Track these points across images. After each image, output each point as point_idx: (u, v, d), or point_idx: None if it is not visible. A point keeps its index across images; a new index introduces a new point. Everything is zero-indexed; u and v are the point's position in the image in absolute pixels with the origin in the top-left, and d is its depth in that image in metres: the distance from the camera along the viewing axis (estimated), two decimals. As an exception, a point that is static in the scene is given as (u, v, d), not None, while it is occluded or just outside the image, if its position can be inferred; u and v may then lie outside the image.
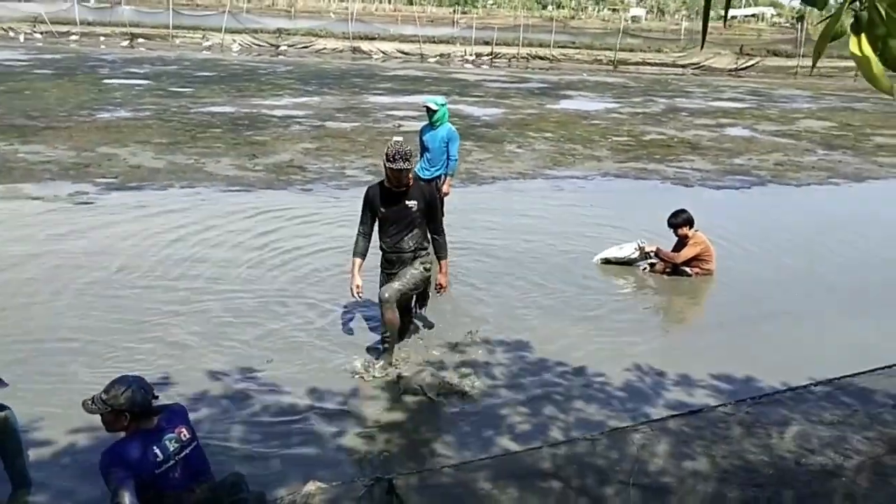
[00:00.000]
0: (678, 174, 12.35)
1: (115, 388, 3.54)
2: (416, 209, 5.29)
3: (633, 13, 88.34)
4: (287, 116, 16.32)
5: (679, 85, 28.62)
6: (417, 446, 4.50)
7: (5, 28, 37.64)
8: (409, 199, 5.28)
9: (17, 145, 11.94)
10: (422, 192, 5.36)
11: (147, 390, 3.59)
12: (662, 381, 5.36)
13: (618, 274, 7.61)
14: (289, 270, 7.17)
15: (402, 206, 5.28)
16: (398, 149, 5.11)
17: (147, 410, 3.59)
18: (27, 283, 6.54)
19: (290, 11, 72.73)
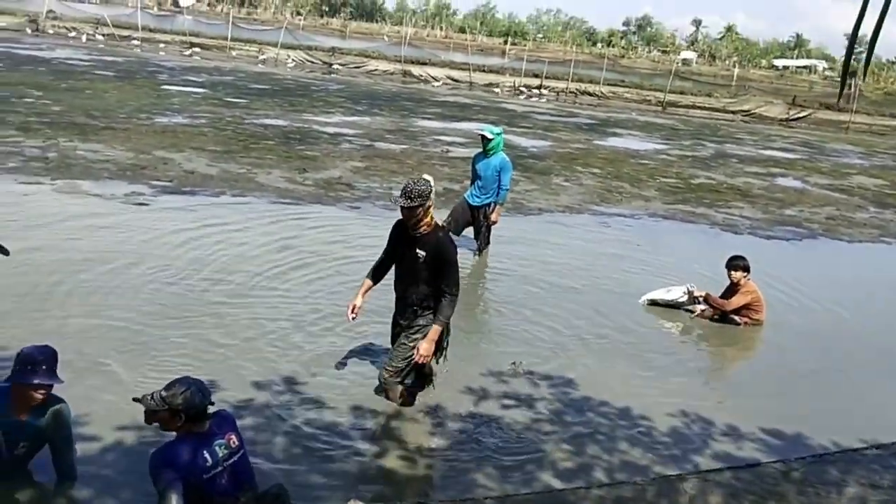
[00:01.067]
0: (727, 220, 12.20)
1: (175, 388, 3.57)
2: (423, 261, 4.70)
3: (683, 56, 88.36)
4: (338, 134, 16.51)
5: (729, 131, 28.40)
6: (458, 474, 4.45)
7: (68, 27, 38.81)
8: (420, 246, 4.71)
9: (77, 143, 12.22)
10: (436, 243, 4.69)
11: (205, 394, 3.62)
12: (710, 431, 5.25)
13: (664, 316, 7.51)
14: (340, 283, 7.19)
15: (413, 254, 4.73)
16: (409, 184, 4.64)
17: (202, 414, 3.62)
18: (81, 280, 6.65)
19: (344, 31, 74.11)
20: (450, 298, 4.72)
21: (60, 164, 10.68)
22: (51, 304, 6.04)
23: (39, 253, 6.99)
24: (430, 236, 4.70)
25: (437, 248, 4.68)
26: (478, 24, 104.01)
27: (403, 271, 4.86)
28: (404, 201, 4.58)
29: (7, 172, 9.93)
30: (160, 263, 7.19)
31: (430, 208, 4.68)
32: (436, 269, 4.70)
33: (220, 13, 70.15)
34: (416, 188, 4.58)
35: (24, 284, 6.27)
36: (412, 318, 4.87)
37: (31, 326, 5.51)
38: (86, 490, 3.88)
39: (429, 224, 4.69)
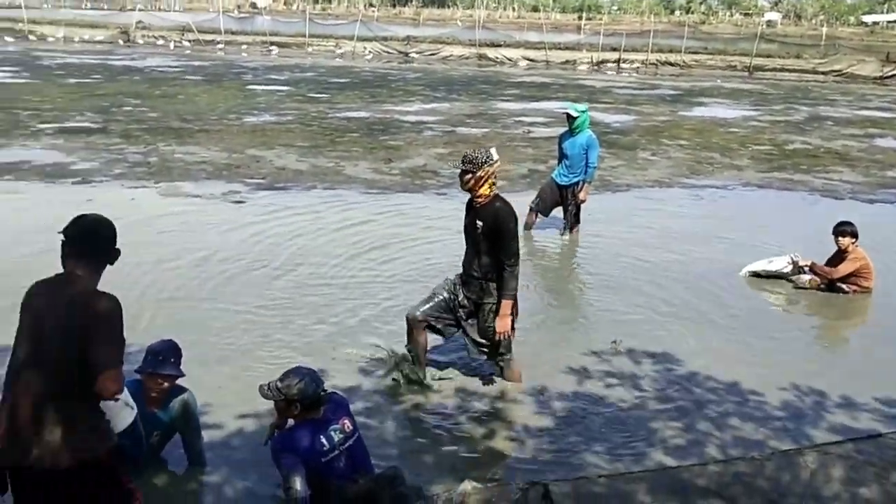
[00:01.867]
0: (826, 186, 11.71)
1: (290, 379, 3.74)
2: (482, 230, 4.78)
3: (768, 17, 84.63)
4: (419, 122, 16.66)
5: (821, 92, 27.13)
6: (567, 453, 4.47)
7: (156, 36, 40.42)
8: (479, 217, 4.80)
9: (175, 146, 12.78)
10: (495, 213, 4.75)
11: (318, 383, 3.77)
12: (824, 403, 5.09)
13: (767, 288, 7.30)
14: (439, 271, 7.29)
15: (472, 223, 4.86)
16: (468, 152, 4.81)
17: (316, 402, 3.77)
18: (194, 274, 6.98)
19: (417, 20, 74.35)
20: (510, 270, 4.80)
21: (161, 168, 11.19)
22: (172, 301, 6.36)
23: (155, 252, 7.37)
24: (488, 206, 4.77)
25: (495, 217, 4.74)
26: (551, 2, 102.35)
27: (468, 243, 4.97)
28: (458, 163, 4.78)
29: (115, 178, 10.49)
30: (266, 257, 7.46)
31: (487, 179, 4.72)
32: (494, 240, 4.77)
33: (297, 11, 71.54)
34: (472, 155, 4.71)
35: (146, 284, 6.63)
36: (479, 294, 4.94)
37: (160, 321, 5.83)
38: (215, 475, 4.10)
39: (486, 195, 4.76)
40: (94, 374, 2.76)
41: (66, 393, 2.82)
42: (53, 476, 2.82)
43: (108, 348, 2.79)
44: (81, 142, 12.85)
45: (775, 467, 3.77)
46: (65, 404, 2.82)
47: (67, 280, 2.91)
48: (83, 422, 2.87)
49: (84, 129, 14.03)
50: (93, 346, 2.76)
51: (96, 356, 2.76)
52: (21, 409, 2.82)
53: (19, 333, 2.91)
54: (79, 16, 47.09)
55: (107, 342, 2.79)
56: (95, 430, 2.93)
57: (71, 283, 2.88)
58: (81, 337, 2.76)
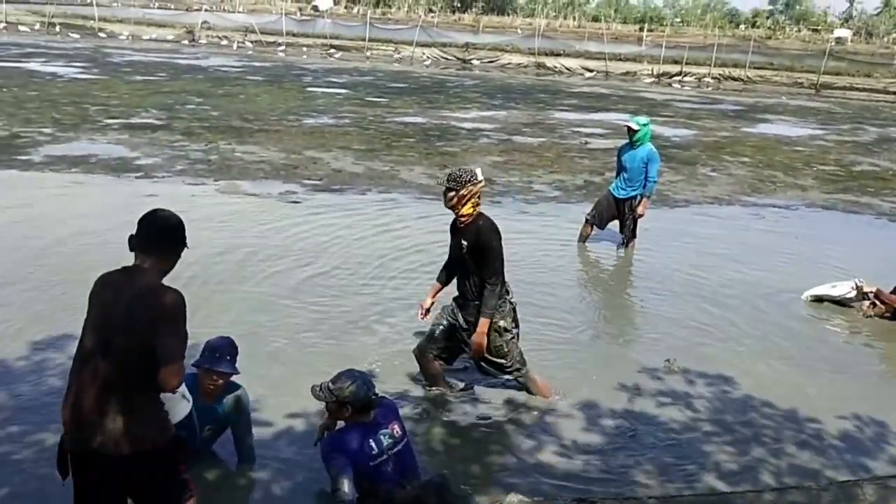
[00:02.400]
0: (895, 210, 11.31)
1: (342, 381, 3.75)
2: (466, 250, 4.71)
3: (837, 34, 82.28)
4: (475, 129, 16.66)
5: (892, 113, 26.27)
6: (616, 471, 4.40)
7: (220, 36, 41.33)
8: (463, 236, 4.74)
9: (235, 145, 13.03)
10: (477, 231, 4.68)
11: (370, 386, 3.78)
12: (885, 435, 4.91)
13: (829, 314, 7.08)
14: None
15: (458, 243, 4.79)
16: (454, 169, 4.76)
17: (368, 405, 3.78)
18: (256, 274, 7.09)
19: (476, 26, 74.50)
20: (490, 288, 4.69)
21: (221, 166, 11.42)
22: (230, 297, 6.47)
23: (214, 247, 7.51)
24: (471, 225, 4.72)
25: (477, 235, 4.68)
26: (612, 12, 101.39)
27: (456, 265, 4.91)
28: (442, 181, 4.73)
29: (176, 175, 10.74)
30: (321, 257, 7.54)
31: (470, 198, 4.65)
32: (478, 258, 4.70)
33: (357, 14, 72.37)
34: (455, 173, 4.67)
35: (202, 279, 6.75)
36: (476, 316, 4.80)
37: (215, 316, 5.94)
38: (263, 472, 4.14)
39: (469, 214, 4.70)
40: (156, 367, 2.82)
41: (129, 383, 2.88)
42: (114, 463, 2.89)
43: (173, 341, 2.85)
44: (146, 137, 13.19)
45: (832, 498, 3.65)
46: (127, 394, 2.89)
47: (134, 272, 2.97)
48: (145, 412, 2.94)
49: (149, 126, 14.41)
50: (157, 339, 2.81)
51: (161, 349, 2.81)
52: (85, 397, 2.89)
53: (86, 323, 2.99)
54: (147, 15, 48.40)
55: (171, 335, 2.84)
56: (156, 420, 2.99)
57: (138, 276, 2.94)
58: (146, 330, 2.82)
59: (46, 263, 7.00)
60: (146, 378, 2.86)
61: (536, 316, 6.50)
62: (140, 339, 2.82)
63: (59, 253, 7.31)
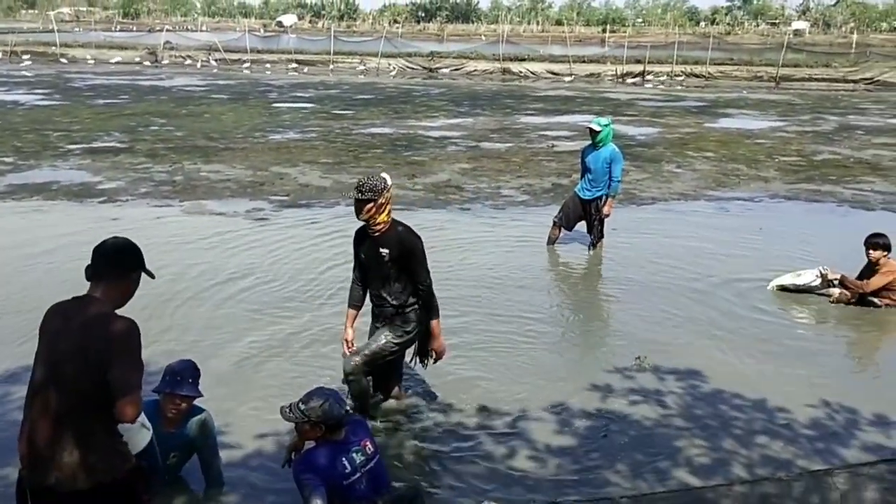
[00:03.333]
0: (857, 196, 11.49)
1: (314, 400, 3.69)
2: (388, 258, 4.58)
3: (795, 26, 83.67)
4: (443, 137, 16.68)
5: (851, 101, 26.74)
6: (590, 472, 4.39)
7: (183, 56, 41.05)
8: (381, 245, 4.58)
9: (200, 164, 12.92)
10: (398, 239, 4.57)
11: (342, 404, 3.72)
12: (855, 422, 4.95)
13: (795, 302, 7.16)
14: (458, 286, 7.25)
15: (376, 253, 4.61)
16: (362, 179, 4.55)
17: (339, 423, 3.72)
18: (219, 294, 7.01)
19: (441, 35, 74.78)
20: (427, 291, 4.67)
21: (186, 186, 11.31)
22: (192, 318, 6.39)
23: (175, 271, 7.42)
24: (389, 232, 4.58)
25: (400, 242, 4.57)
26: (574, 15, 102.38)
27: (373, 276, 4.72)
28: (356, 193, 4.51)
29: (140, 197, 10.62)
30: (285, 274, 7.48)
31: (385, 206, 4.52)
32: (403, 265, 4.60)
33: (322, 29, 72.38)
34: (369, 183, 4.48)
35: (163, 303, 6.67)
36: (390, 319, 4.74)
37: (176, 339, 5.87)
38: (233, 495, 4.08)
39: (385, 222, 4.56)
40: (111, 397, 2.75)
41: (83, 415, 2.81)
42: (74, 498, 2.82)
43: (127, 372, 2.76)
44: (109, 161, 13.04)
45: (804, 488, 3.67)
46: (81, 426, 2.82)
47: (85, 301, 2.91)
48: (101, 443, 2.87)
49: (111, 149, 14.24)
50: (111, 371, 2.73)
51: (115, 381, 2.73)
52: (39, 432, 2.82)
53: (37, 355, 2.92)
54: (108, 38, 47.99)
55: (125, 366, 2.76)
56: (114, 451, 2.92)
57: (87, 306, 2.88)
58: (97, 360, 2.75)
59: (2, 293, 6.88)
60: (101, 409, 2.78)
61: (507, 319, 6.53)
62: (92, 370, 2.75)
63: (15, 282, 7.18)
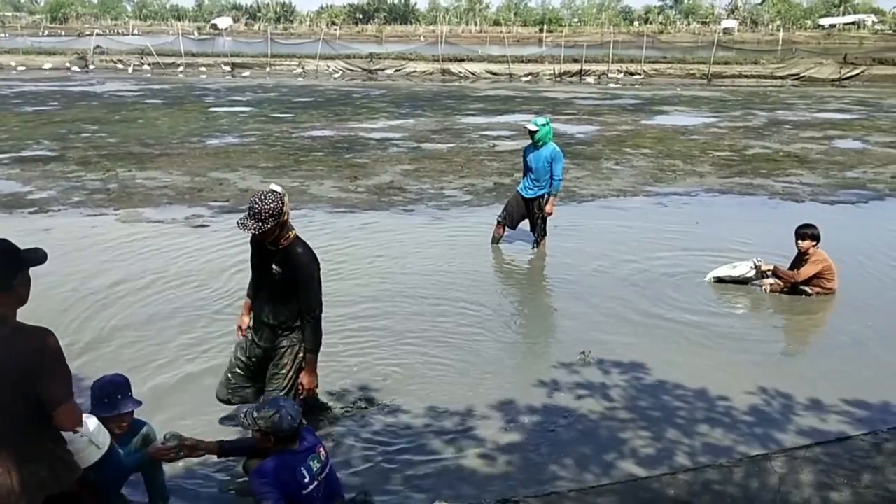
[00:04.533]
0: (787, 189, 11.89)
1: (266, 410, 3.62)
2: (279, 277, 4.18)
3: (724, 25, 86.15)
4: (384, 139, 16.64)
5: (779, 97, 27.65)
6: (538, 468, 4.44)
7: (114, 60, 39.98)
8: (276, 262, 4.17)
9: (135, 171, 12.60)
10: (293, 259, 4.14)
11: (294, 416, 3.62)
12: (792, 406, 5.13)
13: (732, 294, 7.36)
14: (402, 286, 7.25)
15: (268, 266, 4.22)
16: (255, 203, 4.01)
17: (293, 436, 3.65)
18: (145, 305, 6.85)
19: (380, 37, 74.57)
20: (312, 323, 4.25)
21: (121, 194, 11.02)
22: (128, 329, 6.23)
23: (111, 277, 7.23)
24: (287, 250, 4.16)
25: (296, 266, 4.14)
26: (511, 16, 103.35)
27: (260, 287, 4.36)
28: (255, 224, 3.97)
29: (73, 206, 10.31)
30: (222, 282, 7.35)
31: (287, 220, 4.12)
32: (292, 287, 4.19)
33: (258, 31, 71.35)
34: (266, 206, 3.97)
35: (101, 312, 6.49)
36: (272, 340, 4.39)
37: (115, 349, 5.72)
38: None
39: (287, 238, 4.14)
40: (45, 411, 2.68)
41: (22, 431, 2.74)
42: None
43: (55, 384, 2.69)
44: (38, 170, 12.61)
45: (744, 473, 3.78)
46: (24, 441, 2.74)
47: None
48: (46, 456, 2.81)
49: (41, 158, 13.79)
50: (39, 385, 2.66)
51: (45, 395, 2.66)
52: None
53: None
54: (35, 43, 46.41)
55: (52, 378, 2.68)
56: (60, 462, 2.86)
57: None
58: (23, 378, 2.66)
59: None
60: (39, 423, 2.71)
61: (452, 318, 6.55)
62: (18, 387, 2.66)
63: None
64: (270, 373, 4.42)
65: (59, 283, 6.99)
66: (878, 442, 4.27)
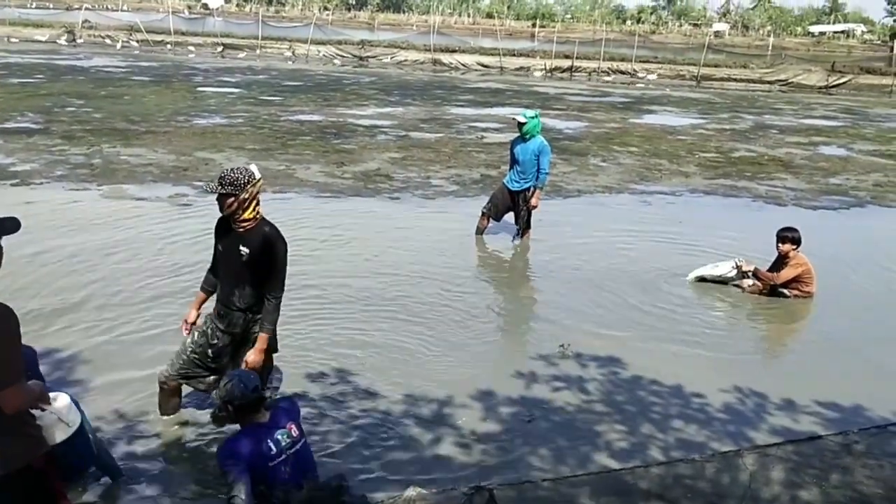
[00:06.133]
0: (770, 192, 11.99)
1: (223, 380, 3.72)
2: (247, 258, 4.17)
3: (716, 28, 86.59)
4: (373, 126, 16.59)
5: (767, 101, 27.84)
6: (513, 458, 4.47)
7: (103, 35, 39.53)
8: (242, 243, 4.17)
9: (120, 148, 12.49)
10: (265, 240, 4.17)
11: (247, 385, 3.67)
12: (765, 406, 5.20)
13: (712, 293, 7.43)
14: (385, 274, 7.25)
15: (236, 250, 4.20)
16: (224, 171, 4.14)
17: (247, 405, 3.68)
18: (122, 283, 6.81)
19: (372, 24, 74.24)
20: (274, 302, 4.26)
21: (105, 170, 10.92)
22: (106, 305, 6.20)
23: (98, 255, 7.18)
24: (254, 231, 4.18)
25: (263, 244, 4.17)
26: (505, 9, 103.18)
27: (227, 271, 4.32)
28: (215, 186, 4.12)
29: (56, 180, 10.20)
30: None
31: (250, 202, 4.13)
32: (260, 268, 4.21)
33: (249, 13, 70.75)
34: (230, 176, 4.08)
35: (77, 287, 6.45)
36: (243, 327, 4.35)
37: (85, 330, 5.69)
38: (153, 487, 3.99)
39: (253, 219, 4.18)
40: None
41: None
42: None
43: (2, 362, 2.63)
44: (22, 143, 12.46)
45: (715, 469, 3.82)
46: None
47: None
48: (11, 431, 2.78)
49: (24, 130, 13.62)
50: None
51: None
52: None
53: None
54: (23, 15, 45.76)
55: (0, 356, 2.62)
56: (27, 437, 2.85)
57: None
58: None
59: None
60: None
61: (433, 307, 6.57)
62: None
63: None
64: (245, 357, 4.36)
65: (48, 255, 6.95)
66: (847, 443, 4.33)
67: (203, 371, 4.43)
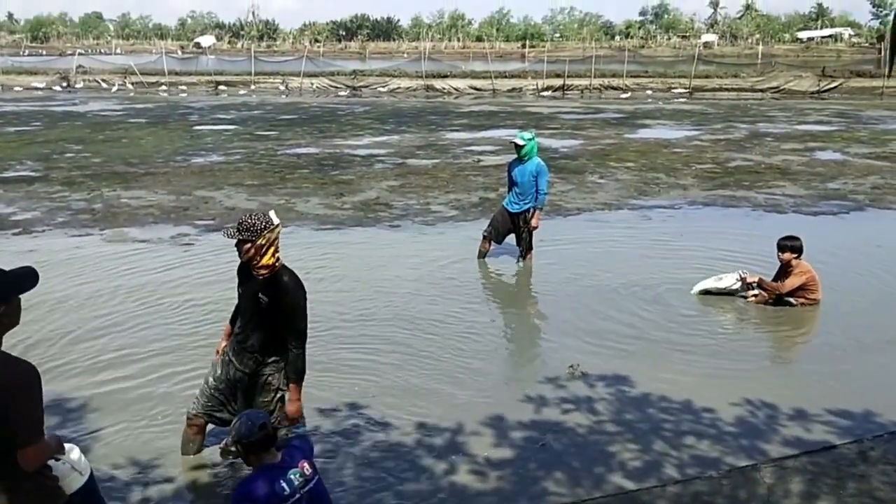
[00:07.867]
0: (769, 201, 12.03)
1: (234, 421, 3.71)
2: (265, 306, 4.18)
3: (704, 39, 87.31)
4: (369, 155, 16.69)
5: (760, 110, 28.00)
6: (529, 483, 4.46)
7: (98, 80, 39.88)
8: (261, 291, 4.17)
9: (120, 191, 12.56)
10: (283, 290, 4.15)
11: (254, 423, 3.65)
12: (776, 417, 5.18)
13: (717, 305, 7.43)
14: (390, 302, 7.26)
15: (254, 295, 4.21)
16: (243, 217, 4.14)
17: (256, 444, 3.67)
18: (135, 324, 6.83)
19: (363, 53, 74.95)
20: (296, 353, 4.23)
21: (107, 214, 10.98)
22: (115, 350, 6.21)
23: (97, 299, 7.21)
24: (275, 279, 4.16)
25: (283, 295, 4.15)
26: (494, 32, 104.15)
27: (245, 314, 4.34)
28: (232, 232, 4.12)
29: (57, 227, 10.26)
30: (210, 298, 7.33)
31: (268, 248, 4.10)
32: (278, 317, 4.19)
33: (241, 49, 71.48)
34: (248, 222, 4.07)
35: (90, 327, 6.46)
36: (254, 367, 4.36)
37: (91, 367, 5.69)
38: (169, 530, 3.98)
39: (269, 266, 4.13)
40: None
41: (2, 458, 2.72)
42: None
43: (25, 422, 2.67)
44: (22, 191, 12.55)
45: (733, 484, 3.82)
46: (4, 467, 2.72)
47: None
48: (22, 485, 2.79)
49: (24, 178, 13.72)
50: (12, 418, 2.64)
51: (16, 428, 2.65)
52: None
53: None
54: (17, 63, 46.23)
55: (22, 414, 2.66)
56: (44, 489, 2.85)
57: None
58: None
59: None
60: (10, 453, 2.70)
61: (440, 334, 6.57)
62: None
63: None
64: (258, 400, 4.39)
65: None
66: (862, 450, 4.33)
67: (226, 409, 4.46)
